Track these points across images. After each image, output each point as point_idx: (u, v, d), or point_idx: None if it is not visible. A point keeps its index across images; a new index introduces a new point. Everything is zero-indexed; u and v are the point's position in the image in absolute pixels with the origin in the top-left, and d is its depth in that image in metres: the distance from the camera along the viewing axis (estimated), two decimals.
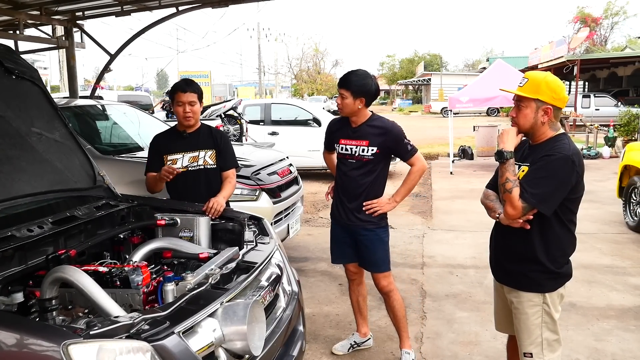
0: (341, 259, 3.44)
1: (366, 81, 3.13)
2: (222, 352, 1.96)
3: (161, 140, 3.51)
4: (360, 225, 3.25)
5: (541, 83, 2.35)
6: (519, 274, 2.44)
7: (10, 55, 3.20)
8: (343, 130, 3.27)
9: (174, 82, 4.17)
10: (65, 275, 2.04)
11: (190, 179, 3.37)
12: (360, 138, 3.18)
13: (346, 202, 3.26)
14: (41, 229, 2.52)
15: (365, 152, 3.17)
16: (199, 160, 3.40)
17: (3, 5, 6.30)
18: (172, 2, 6.57)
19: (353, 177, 3.22)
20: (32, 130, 3.05)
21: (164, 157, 3.40)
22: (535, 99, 2.34)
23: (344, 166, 3.27)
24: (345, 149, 3.23)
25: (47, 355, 1.55)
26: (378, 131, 3.18)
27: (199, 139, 3.43)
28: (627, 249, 5.75)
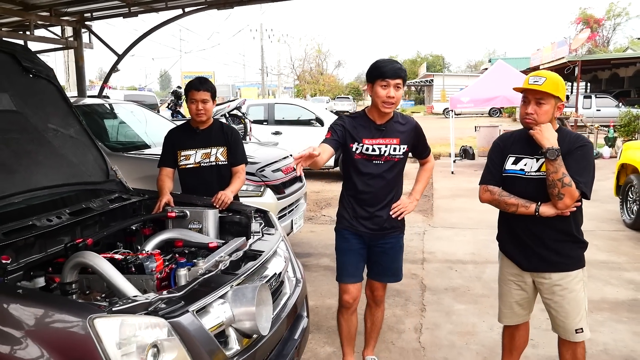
0: (356, 277, 3.00)
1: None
2: (232, 332, 2.10)
3: (175, 136, 3.64)
4: (388, 232, 2.98)
5: (558, 82, 2.52)
6: (564, 256, 2.61)
7: (28, 54, 3.35)
8: (365, 128, 2.86)
9: (176, 83, 4.33)
10: (85, 260, 2.19)
11: (203, 175, 3.51)
12: (389, 136, 2.85)
13: (373, 210, 2.91)
14: (59, 219, 2.67)
15: (396, 151, 2.86)
16: (211, 157, 3.53)
17: (14, 7, 6.46)
18: (178, 3, 6.73)
19: (384, 180, 2.88)
20: (49, 126, 3.20)
21: (177, 152, 3.52)
22: (555, 96, 2.50)
23: (367, 169, 2.87)
24: (373, 149, 2.84)
25: (74, 328, 1.70)
26: (405, 127, 2.92)
27: (211, 136, 3.56)
28: (623, 246, 5.87)
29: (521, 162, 2.63)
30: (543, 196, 2.53)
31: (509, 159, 2.67)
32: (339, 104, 39.03)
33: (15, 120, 2.99)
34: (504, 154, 2.69)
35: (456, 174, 11.42)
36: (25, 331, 1.71)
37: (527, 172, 2.60)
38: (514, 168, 2.64)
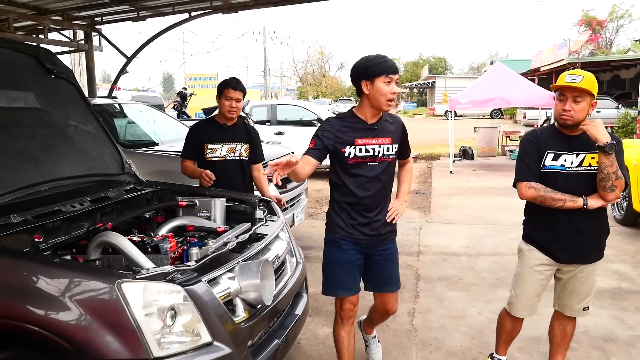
0: (353, 290, 2.84)
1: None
2: (239, 302, 2.37)
3: (200, 130, 3.88)
4: (386, 237, 2.86)
5: (593, 80, 2.63)
6: (595, 248, 2.79)
7: (50, 57, 3.63)
8: (355, 128, 2.69)
9: (179, 85, 4.65)
10: (108, 239, 2.47)
11: (227, 168, 3.77)
12: (381, 135, 2.72)
13: (371, 215, 2.76)
14: (81, 206, 2.94)
15: (389, 150, 2.74)
16: (236, 151, 3.82)
17: (28, 11, 6.79)
18: (184, 8, 7.03)
19: (380, 183, 2.75)
20: (69, 122, 3.48)
21: (204, 145, 3.76)
22: (591, 94, 2.61)
23: (363, 172, 2.71)
24: (366, 150, 2.68)
25: (104, 291, 1.97)
26: (394, 126, 2.81)
27: (236, 133, 3.84)
28: (612, 240, 6.03)
29: (561, 158, 2.70)
30: (584, 190, 2.65)
31: (547, 156, 2.72)
32: (342, 106, 39.31)
33: (40, 117, 3.27)
34: (540, 150, 2.74)
35: (455, 173, 11.66)
36: (62, 294, 1.98)
37: (567, 168, 2.68)
38: (555, 164, 2.70)
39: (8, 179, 2.74)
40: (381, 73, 2.60)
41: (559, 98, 2.67)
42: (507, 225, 6.66)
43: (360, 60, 2.67)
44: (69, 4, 6.85)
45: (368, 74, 2.62)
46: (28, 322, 1.97)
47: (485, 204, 8.26)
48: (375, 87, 2.61)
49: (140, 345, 1.94)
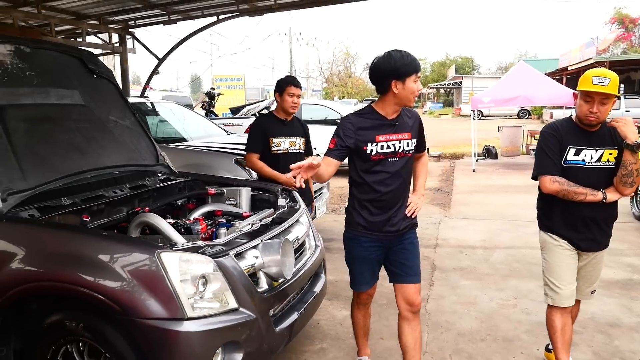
0: (371, 282, 2.93)
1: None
2: (262, 275, 2.65)
3: (265, 124, 4.08)
4: (404, 232, 2.85)
5: (617, 81, 2.68)
6: (607, 236, 2.97)
7: (92, 58, 3.98)
8: (376, 125, 2.69)
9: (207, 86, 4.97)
10: (147, 219, 2.78)
11: (289, 160, 3.93)
12: (401, 131, 2.72)
13: (392, 212, 2.77)
14: (122, 192, 3.27)
15: (409, 146, 2.75)
16: (296, 145, 4.11)
17: (68, 16, 7.22)
18: (213, 11, 7.38)
19: (401, 178, 2.76)
20: (110, 118, 3.81)
21: (269, 139, 3.99)
22: (615, 96, 2.69)
23: (385, 168, 2.71)
24: (387, 147, 2.68)
25: (146, 260, 2.27)
26: (412, 121, 2.81)
27: (294, 128, 4.14)
28: (629, 235, 6.22)
29: (582, 153, 2.79)
30: (602, 184, 2.80)
31: (569, 150, 2.81)
32: None
33: (84, 112, 3.61)
34: (562, 144, 2.81)
35: (477, 172, 11.77)
36: (110, 262, 2.29)
37: (587, 163, 2.79)
38: (577, 159, 2.80)
39: (58, 166, 3.08)
40: (412, 72, 2.59)
41: (585, 99, 2.71)
42: (525, 220, 6.79)
43: (386, 59, 2.61)
44: (105, 9, 7.27)
45: (400, 73, 2.58)
46: (81, 286, 2.29)
47: (505, 201, 8.39)
48: (406, 86, 2.59)
49: (176, 307, 2.24)
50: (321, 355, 3.44)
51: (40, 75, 3.36)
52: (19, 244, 2.46)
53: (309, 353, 3.46)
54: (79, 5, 6.97)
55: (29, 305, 2.57)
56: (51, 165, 3.05)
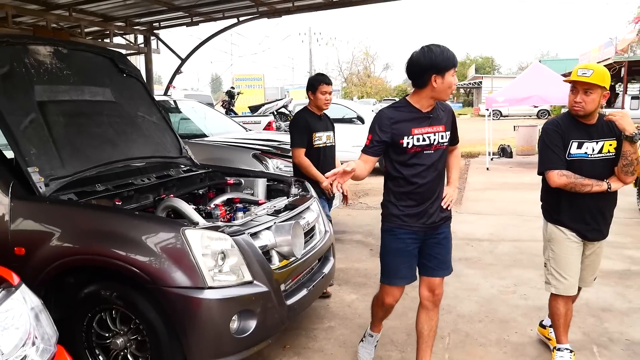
0: (408, 279, 2.88)
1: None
2: (275, 254, 2.95)
3: (307, 120, 4.21)
4: (440, 224, 2.87)
5: (604, 73, 2.83)
6: (608, 225, 3.10)
7: (121, 58, 4.33)
8: (411, 118, 2.71)
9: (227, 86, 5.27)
10: (173, 204, 3.11)
11: (327, 153, 4.28)
12: (436, 123, 2.74)
13: (428, 204, 2.78)
14: (149, 180, 3.61)
15: (444, 138, 2.77)
16: (330, 138, 4.35)
17: (96, 19, 7.63)
18: (233, 14, 7.71)
19: (436, 171, 2.78)
20: (138, 113, 4.16)
21: (312, 134, 4.16)
22: (601, 86, 2.82)
23: (421, 160, 2.73)
24: (423, 139, 2.70)
25: (172, 236, 2.59)
26: (445, 114, 2.83)
27: (328, 122, 4.39)
28: (632, 230, 6.38)
29: (584, 146, 2.93)
30: (605, 174, 2.95)
31: (572, 144, 2.94)
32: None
33: (115, 108, 3.96)
34: (564, 139, 2.94)
35: (491, 170, 11.93)
36: (140, 238, 2.61)
37: (590, 155, 2.93)
38: (580, 152, 2.94)
39: (92, 157, 3.42)
40: (451, 67, 2.62)
41: (571, 90, 2.90)
42: (533, 216, 6.93)
43: (427, 54, 2.62)
44: (131, 12, 7.64)
45: (440, 68, 2.59)
46: (115, 259, 2.61)
47: (516, 197, 8.57)
48: (445, 80, 2.61)
49: (198, 277, 2.55)
50: (329, 332, 3.72)
51: (76, 74, 3.71)
52: (61, 223, 2.80)
53: (318, 330, 3.75)
54: (107, 8, 7.34)
55: (67, 280, 2.91)
56: (86, 155, 3.39)
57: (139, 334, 2.73)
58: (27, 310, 1.66)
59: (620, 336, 3.58)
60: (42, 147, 3.09)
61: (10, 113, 2.99)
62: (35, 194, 2.87)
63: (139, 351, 2.77)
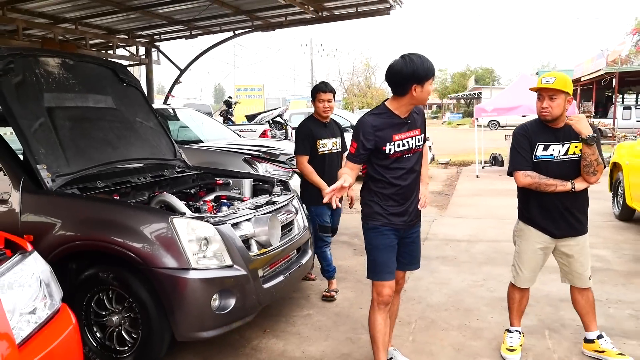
0: (393, 273, 3.00)
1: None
2: (254, 242, 3.33)
3: (311, 127, 4.34)
4: (416, 222, 3.07)
5: (566, 80, 3.07)
6: (582, 223, 3.28)
7: (123, 69, 4.73)
8: (391, 124, 2.83)
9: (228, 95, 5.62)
10: (165, 198, 3.49)
11: (333, 159, 4.43)
12: (412, 128, 2.89)
13: (408, 203, 2.94)
14: (145, 179, 3.99)
15: (419, 141, 2.94)
16: (337, 145, 4.50)
17: (100, 31, 8.07)
18: (229, 27, 8.16)
19: (415, 173, 2.96)
20: (136, 119, 4.55)
21: (317, 141, 4.29)
22: (564, 92, 3.04)
23: (402, 164, 2.88)
24: (403, 144, 2.85)
25: (162, 224, 2.98)
26: (419, 117, 2.99)
27: (334, 129, 4.54)
28: (605, 232, 6.73)
29: (549, 148, 3.13)
30: (571, 174, 3.13)
31: (538, 147, 3.13)
32: None
33: (116, 114, 4.36)
34: (531, 142, 3.15)
35: (481, 177, 12.30)
36: (135, 226, 3.00)
37: (556, 157, 3.14)
38: (545, 154, 3.14)
39: (94, 157, 3.82)
40: (431, 76, 2.76)
41: (538, 97, 3.12)
42: (512, 219, 7.21)
43: (408, 63, 2.73)
44: (133, 25, 8.10)
45: (420, 77, 2.72)
46: (113, 244, 3.00)
47: (499, 202, 8.92)
48: (424, 89, 2.75)
49: (184, 260, 2.94)
50: (307, 319, 4.08)
51: (81, 83, 4.12)
52: (66, 213, 3.20)
53: (297, 317, 4.11)
54: (110, 22, 7.80)
55: (70, 266, 3.29)
56: (89, 155, 3.78)
57: (132, 311, 3.10)
58: (38, 271, 2.04)
59: (572, 322, 3.92)
60: (50, 147, 3.48)
61: (23, 117, 3.39)
62: (43, 188, 3.27)
63: (132, 327, 3.14)
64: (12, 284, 1.83)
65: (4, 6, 6.32)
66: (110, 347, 3.18)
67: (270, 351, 3.55)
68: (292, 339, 3.73)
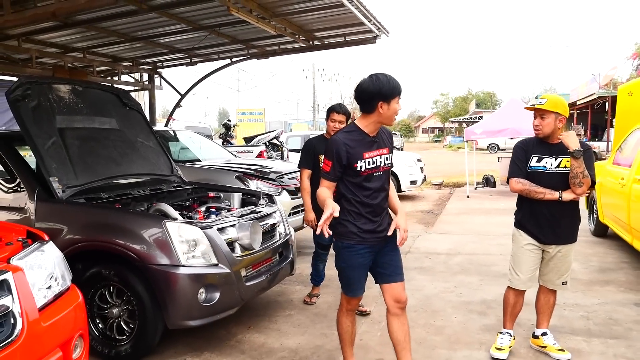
0: (364, 287, 3.11)
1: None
2: (237, 245, 3.80)
3: (314, 144, 4.61)
4: (390, 236, 3.02)
5: (557, 101, 3.41)
6: (570, 233, 3.55)
7: (126, 95, 5.26)
8: (361, 143, 2.93)
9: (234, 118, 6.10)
10: (160, 207, 3.97)
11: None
12: (381, 146, 3.00)
13: (379, 220, 3.02)
14: (144, 192, 4.48)
15: (388, 160, 3.04)
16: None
17: (107, 59, 8.67)
18: (227, 55, 8.75)
19: (385, 190, 3.05)
20: (137, 139, 5.06)
21: (319, 156, 4.46)
22: (555, 112, 3.38)
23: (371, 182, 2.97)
24: (373, 162, 2.95)
25: (157, 227, 3.45)
26: (387, 136, 3.10)
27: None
28: (577, 246, 7.10)
29: (543, 160, 3.46)
30: (561, 186, 3.40)
31: (532, 158, 3.47)
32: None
33: (119, 134, 4.87)
34: (527, 154, 3.50)
35: (471, 198, 12.73)
36: (134, 229, 3.47)
37: (548, 168, 3.46)
38: (538, 165, 3.47)
39: (99, 171, 4.31)
40: (397, 95, 2.85)
41: (533, 116, 3.49)
42: (493, 235, 7.77)
43: (374, 82, 2.85)
44: (137, 53, 8.71)
45: (386, 95, 2.82)
46: (114, 245, 3.47)
47: (484, 220, 9.36)
48: (390, 107, 2.85)
49: (175, 258, 3.40)
50: (288, 318, 4.52)
51: (88, 107, 4.63)
52: (74, 219, 3.68)
53: (279, 317, 4.55)
54: (116, 50, 8.40)
55: (76, 266, 3.75)
56: (95, 170, 4.28)
57: (130, 304, 3.56)
58: (53, 257, 2.50)
59: (527, 321, 4.32)
60: (61, 162, 3.98)
61: (38, 136, 3.90)
62: (54, 197, 3.76)
63: (129, 318, 3.59)
64: (32, 265, 2.30)
65: (19, 37, 6.91)
66: (111, 336, 3.62)
67: (252, 343, 3.98)
68: (272, 334, 4.16)
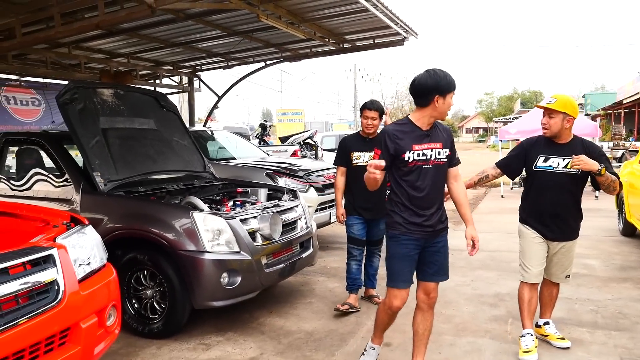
0: (409, 282, 3.13)
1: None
2: (259, 235, 4.14)
3: (348, 142, 4.67)
4: (439, 232, 3.13)
5: (566, 101, 3.41)
6: (573, 229, 3.66)
7: (163, 98, 5.71)
8: (412, 135, 3.01)
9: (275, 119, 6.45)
10: (191, 200, 4.37)
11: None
12: (434, 140, 3.04)
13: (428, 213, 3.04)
14: (178, 187, 4.90)
15: (441, 154, 3.06)
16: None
17: (149, 64, 9.23)
18: (261, 58, 9.15)
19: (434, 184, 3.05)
20: (173, 139, 5.50)
21: (350, 153, 4.55)
22: (563, 112, 3.39)
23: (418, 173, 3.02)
24: (422, 154, 3.01)
25: (185, 217, 3.84)
26: (444, 133, 3.13)
27: (375, 144, 5.12)
28: (603, 245, 7.15)
29: (550, 160, 3.50)
30: (566, 186, 3.50)
31: (539, 158, 3.51)
32: None
33: (157, 134, 5.31)
34: (532, 153, 3.56)
35: (505, 197, 12.72)
36: (166, 218, 3.88)
37: (554, 168, 3.50)
38: (545, 165, 3.52)
39: (137, 167, 4.75)
40: (452, 89, 2.95)
41: (542, 115, 3.52)
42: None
43: (432, 76, 2.95)
44: (178, 58, 9.23)
45: (442, 89, 2.92)
46: (149, 232, 3.88)
47: (514, 219, 9.21)
48: (446, 101, 2.95)
49: (201, 245, 3.78)
50: (308, 305, 4.84)
51: (128, 109, 5.09)
52: (115, 210, 4.12)
53: (300, 304, 4.87)
54: (158, 56, 8.95)
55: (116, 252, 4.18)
56: (133, 166, 4.72)
57: (161, 286, 3.96)
58: (92, 238, 2.90)
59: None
60: (104, 159, 4.43)
61: (83, 136, 4.37)
62: (97, 190, 4.20)
63: (161, 299, 4.00)
64: (74, 244, 2.69)
65: (69, 45, 7.52)
66: (145, 315, 4.04)
67: (272, 326, 4.32)
68: (292, 318, 4.49)
